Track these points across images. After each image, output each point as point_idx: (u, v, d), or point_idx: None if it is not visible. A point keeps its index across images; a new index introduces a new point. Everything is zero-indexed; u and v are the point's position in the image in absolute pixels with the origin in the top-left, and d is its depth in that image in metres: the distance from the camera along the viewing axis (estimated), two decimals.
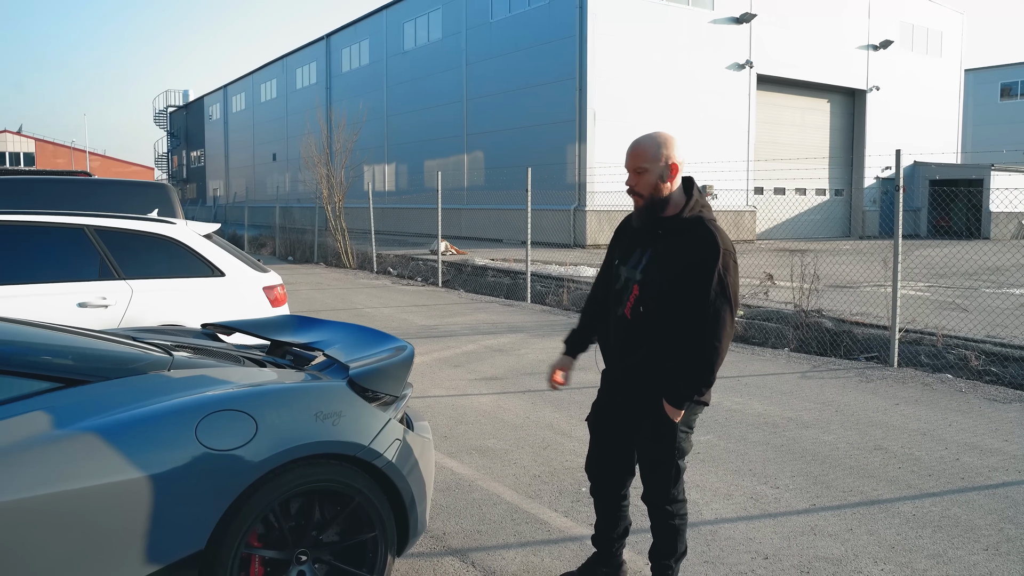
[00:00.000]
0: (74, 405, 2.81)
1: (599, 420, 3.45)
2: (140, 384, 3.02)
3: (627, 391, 3.29)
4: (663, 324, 3.13)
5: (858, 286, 13.45)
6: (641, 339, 3.18)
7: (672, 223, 3.17)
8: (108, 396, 2.89)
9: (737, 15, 29.29)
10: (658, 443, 3.21)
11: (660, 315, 3.13)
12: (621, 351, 3.28)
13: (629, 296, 3.20)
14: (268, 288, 6.65)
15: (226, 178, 59.03)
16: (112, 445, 2.67)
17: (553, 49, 27.43)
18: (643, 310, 3.15)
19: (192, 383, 3.09)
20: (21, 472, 2.55)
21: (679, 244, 3.11)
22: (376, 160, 37.72)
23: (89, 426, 2.72)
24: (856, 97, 34.50)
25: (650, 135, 3.23)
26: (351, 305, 13.57)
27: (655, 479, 3.27)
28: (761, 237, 30.46)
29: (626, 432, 3.35)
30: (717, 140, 28.39)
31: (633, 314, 3.18)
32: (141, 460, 2.68)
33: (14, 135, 71.93)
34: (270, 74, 51.06)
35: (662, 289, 3.11)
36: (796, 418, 6.42)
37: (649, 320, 3.15)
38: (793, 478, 5.05)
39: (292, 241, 25.96)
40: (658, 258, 3.14)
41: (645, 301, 3.15)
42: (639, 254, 3.23)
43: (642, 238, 3.25)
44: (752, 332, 10.09)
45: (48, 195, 9.04)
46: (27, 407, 2.75)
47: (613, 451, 3.41)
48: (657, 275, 3.12)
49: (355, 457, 3.09)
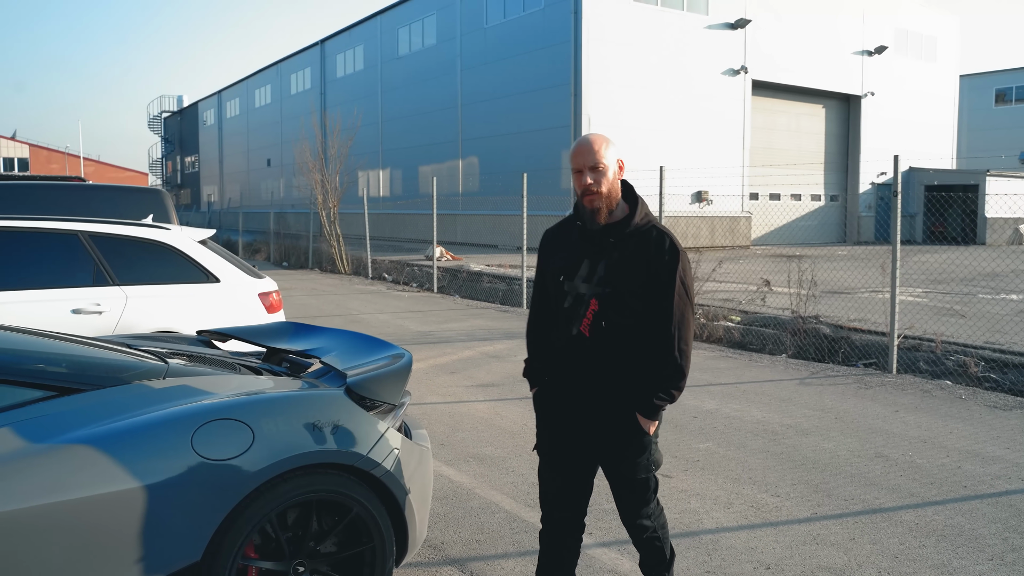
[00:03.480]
0: (68, 414, 2.76)
1: (558, 447, 3.10)
2: (135, 392, 2.97)
3: (591, 412, 3.00)
4: (628, 337, 2.93)
5: (854, 292, 13.43)
6: (605, 356, 2.95)
7: (623, 229, 2.94)
8: (102, 405, 2.84)
9: (732, 20, 29.35)
10: (633, 459, 3.01)
11: (624, 328, 2.92)
12: (582, 372, 2.99)
13: (585, 312, 2.93)
14: (263, 294, 6.60)
15: (220, 183, 58.91)
16: (107, 455, 2.62)
17: (548, 54, 27.45)
18: (605, 325, 2.92)
19: (187, 392, 3.04)
20: (14, 483, 2.49)
21: (637, 251, 2.92)
22: (371, 165, 37.69)
23: (83, 436, 2.66)
24: (851, 102, 34.59)
25: (594, 133, 3.02)
26: (346, 311, 13.51)
27: (633, 498, 3.08)
28: (756, 243, 30.50)
29: (589, 456, 3.07)
30: (712, 146, 28.44)
31: (593, 331, 2.93)
32: (136, 470, 2.63)
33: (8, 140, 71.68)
34: (265, 79, 51.01)
35: (625, 301, 2.90)
36: (795, 425, 6.38)
37: (612, 335, 2.92)
38: (794, 486, 5.01)
39: (287, 247, 25.89)
40: (616, 268, 2.92)
41: (607, 315, 2.91)
42: (589, 266, 2.96)
43: (589, 248, 2.98)
44: (750, 338, 10.06)
45: (42, 201, 8.96)
46: (20, 416, 2.70)
47: (576, 479, 3.10)
48: (619, 286, 2.90)
49: (353, 467, 3.05)
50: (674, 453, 5.65)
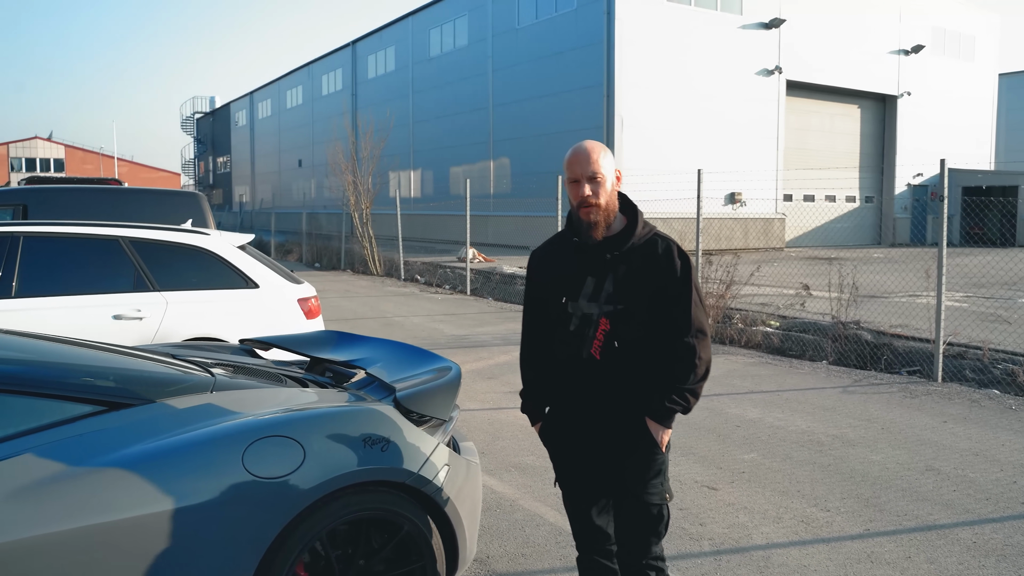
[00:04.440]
0: (118, 430, 2.73)
1: (579, 479, 2.94)
2: (184, 407, 2.94)
3: (607, 435, 2.81)
4: (639, 354, 2.75)
5: (891, 295, 13.19)
6: (618, 377, 2.76)
7: (624, 242, 2.78)
8: (152, 420, 2.81)
9: (766, 20, 29.02)
10: (647, 479, 2.78)
11: (636, 345, 2.74)
12: (594, 397, 2.80)
13: (595, 333, 2.75)
14: (302, 300, 6.59)
15: (252, 184, 59.39)
16: (158, 473, 2.59)
17: (580, 55, 27.31)
18: (618, 345, 2.73)
19: (236, 406, 3.00)
20: (64, 502, 2.47)
21: (645, 263, 2.75)
22: (402, 167, 37.76)
23: (134, 453, 2.64)
24: (887, 103, 34.06)
25: (591, 142, 2.83)
26: (380, 313, 13.51)
27: (644, 530, 2.83)
28: (790, 245, 30.16)
29: (607, 483, 2.88)
30: (745, 147, 28.15)
31: (605, 352, 2.74)
32: (188, 489, 2.60)
33: (44, 141, 72.87)
34: (296, 81, 51.32)
35: (637, 316, 2.73)
36: (841, 435, 6.24)
37: (625, 354, 2.74)
38: (843, 500, 4.89)
39: (319, 248, 26.00)
40: (625, 283, 2.74)
41: (619, 334, 2.73)
42: (594, 283, 2.77)
43: (590, 264, 2.80)
44: (789, 344, 9.90)
45: (81, 204, 9.03)
46: (70, 432, 2.67)
47: (604, 508, 2.94)
48: (631, 302, 2.73)
49: (404, 484, 2.99)
50: (719, 464, 5.55)
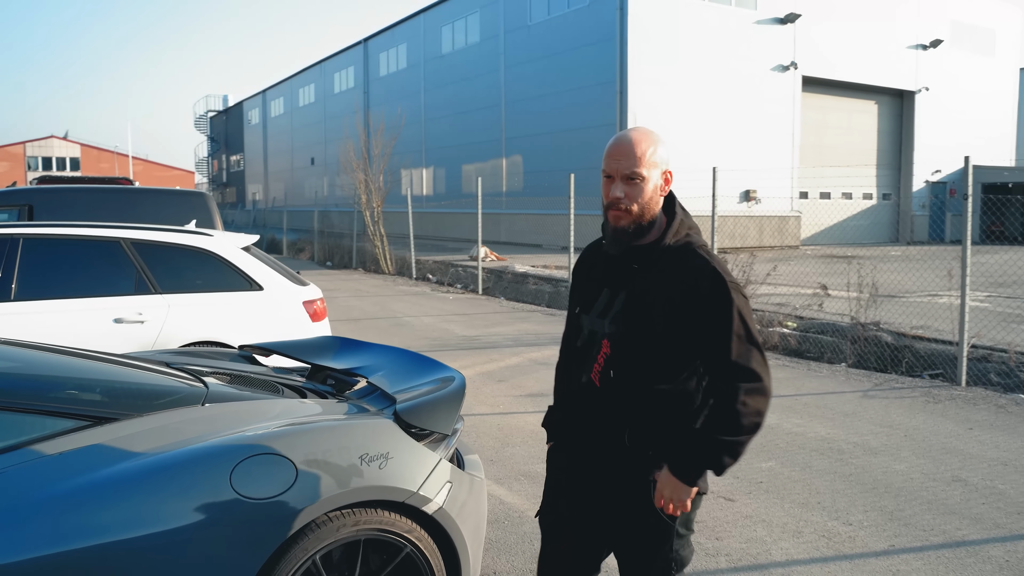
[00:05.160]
0: (101, 447, 2.57)
1: (561, 518, 2.49)
2: (172, 421, 2.78)
3: (599, 479, 2.37)
4: (648, 394, 2.26)
5: (910, 295, 12.93)
6: (615, 414, 2.30)
7: (651, 253, 2.30)
8: (138, 436, 2.65)
9: (782, 15, 28.70)
10: (649, 547, 2.34)
11: (641, 381, 2.26)
12: (588, 430, 2.39)
13: (597, 356, 2.34)
14: (308, 302, 6.44)
15: (265, 182, 59.46)
16: (140, 494, 2.43)
17: (593, 52, 27.09)
18: (614, 375, 2.29)
19: (228, 420, 2.85)
20: (42, 525, 2.31)
21: (665, 279, 2.25)
22: (414, 164, 37.65)
23: (115, 472, 2.48)
24: (905, 98, 33.66)
25: (641, 130, 2.35)
26: (391, 313, 13.37)
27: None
28: (806, 243, 29.85)
29: (597, 535, 2.44)
30: (760, 143, 27.85)
31: (603, 380, 2.32)
32: (173, 511, 2.44)
33: (61, 140, 73.26)
34: (308, 79, 51.30)
35: (642, 345, 2.25)
36: (862, 443, 6.03)
37: (625, 388, 2.28)
38: (866, 513, 4.69)
39: (331, 246, 25.90)
40: (635, 302, 2.27)
41: (618, 362, 2.29)
42: (607, 297, 2.35)
43: (611, 275, 2.37)
44: (807, 346, 9.68)
45: (88, 204, 8.93)
46: (49, 448, 2.52)
47: (581, 561, 2.48)
48: (634, 325, 2.26)
49: (403, 503, 2.83)
50: (736, 473, 5.35)
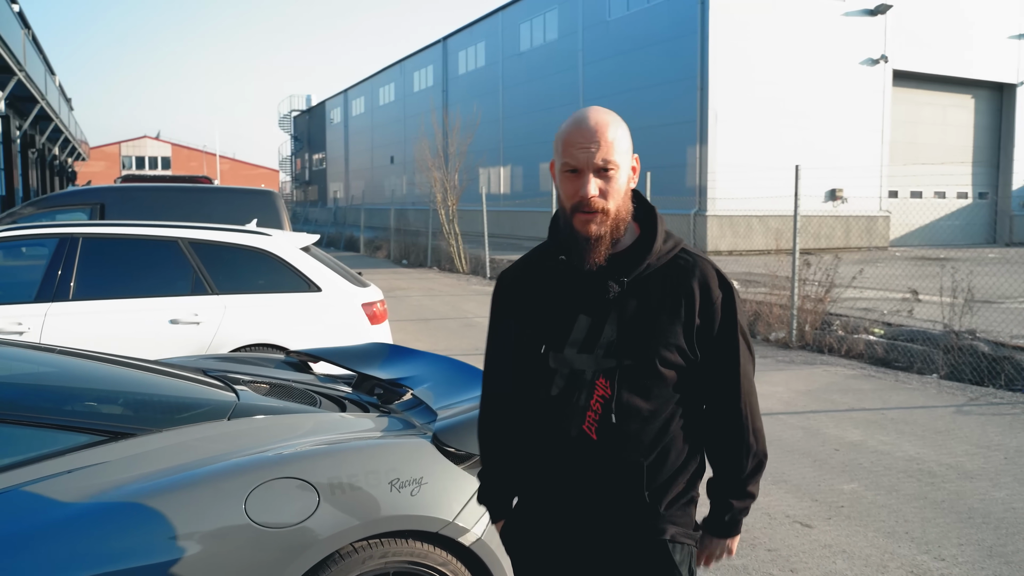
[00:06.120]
0: (113, 464, 2.40)
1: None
2: (192, 437, 2.60)
3: (610, 550, 1.89)
4: (653, 430, 1.86)
5: (1009, 300, 12.11)
6: (627, 468, 1.85)
7: (636, 263, 1.87)
8: (151, 455, 2.47)
9: (871, 6, 27.54)
10: None
11: (651, 421, 1.85)
12: (588, 492, 1.87)
13: (589, 401, 1.84)
14: (367, 304, 6.27)
15: (346, 180, 60.37)
16: (145, 519, 2.25)
17: (673, 47, 26.49)
18: (617, 420, 1.82)
19: (251, 437, 2.65)
20: (39, 553, 2.15)
21: (667, 296, 1.86)
22: (491, 162, 37.59)
23: (126, 493, 2.30)
24: (1005, 92, 31.93)
25: (601, 110, 1.93)
26: (461, 313, 13.20)
27: None
28: (895, 244, 28.62)
29: None
30: (847, 140, 26.79)
31: (603, 430, 1.83)
32: (179, 539, 2.24)
33: (153, 140, 76.11)
34: (388, 78, 51.84)
35: (653, 376, 1.84)
36: (956, 465, 5.55)
37: (633, 431, 1.84)
38: (961, 547, 4.25)
39: (406, 244, 25.98)
40: (636, 326, 1.84)
41: (624, 402, 1.83)
42: (588, 325, 1.85)
43: (584, 297, 1.87)
44: (895, 355, 9.10)
45: (159, 203, 9.02)
46: (59, 466, 2.36)
47: None
48: (644, 354, 1.83)
49: (438, 534, 2.59)
50: (814, 495, 4.96)
